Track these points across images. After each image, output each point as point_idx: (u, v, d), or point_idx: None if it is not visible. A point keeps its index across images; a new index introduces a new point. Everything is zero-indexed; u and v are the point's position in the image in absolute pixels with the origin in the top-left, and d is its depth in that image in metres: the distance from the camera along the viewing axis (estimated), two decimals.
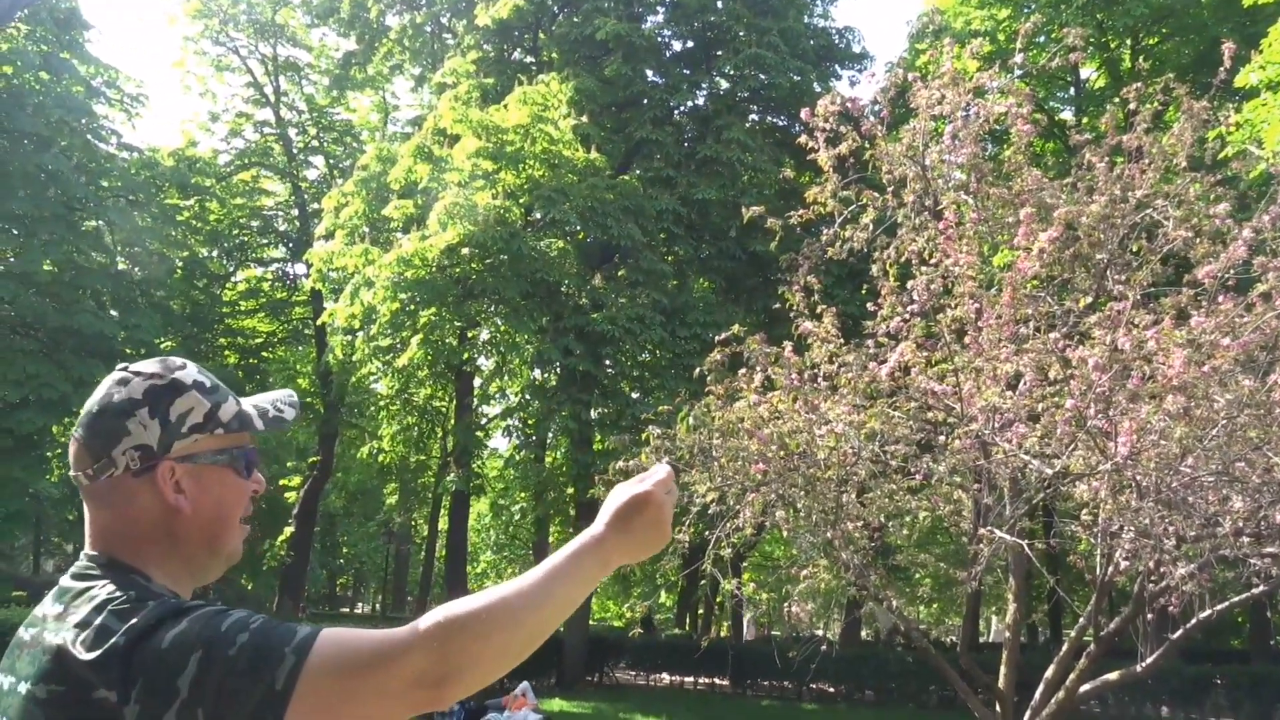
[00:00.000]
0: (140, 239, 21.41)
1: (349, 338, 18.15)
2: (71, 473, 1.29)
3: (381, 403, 23.85)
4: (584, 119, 18.58)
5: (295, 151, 26.68)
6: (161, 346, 22.01)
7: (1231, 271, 5.53)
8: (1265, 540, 5.23)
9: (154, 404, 1.26)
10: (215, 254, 27.69)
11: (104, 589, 1.18)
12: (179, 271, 24.15)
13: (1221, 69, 6.44)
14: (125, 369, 1.30)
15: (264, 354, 27.68)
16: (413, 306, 16.86)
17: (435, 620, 1.14)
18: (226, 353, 27.11)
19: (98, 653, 1.10)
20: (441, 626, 1.14)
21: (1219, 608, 6.27)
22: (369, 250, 17.16)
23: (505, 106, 17.24)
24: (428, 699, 1.14)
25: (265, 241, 28.51)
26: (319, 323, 20.98)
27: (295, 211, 27.19)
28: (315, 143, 27.18)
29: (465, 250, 16.10)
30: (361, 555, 35.31)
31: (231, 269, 28.56)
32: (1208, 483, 5.11)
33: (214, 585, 1.26)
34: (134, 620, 1.12)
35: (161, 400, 1.27)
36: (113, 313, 20.69)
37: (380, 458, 23.67)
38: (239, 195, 27.01)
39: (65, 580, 1.24)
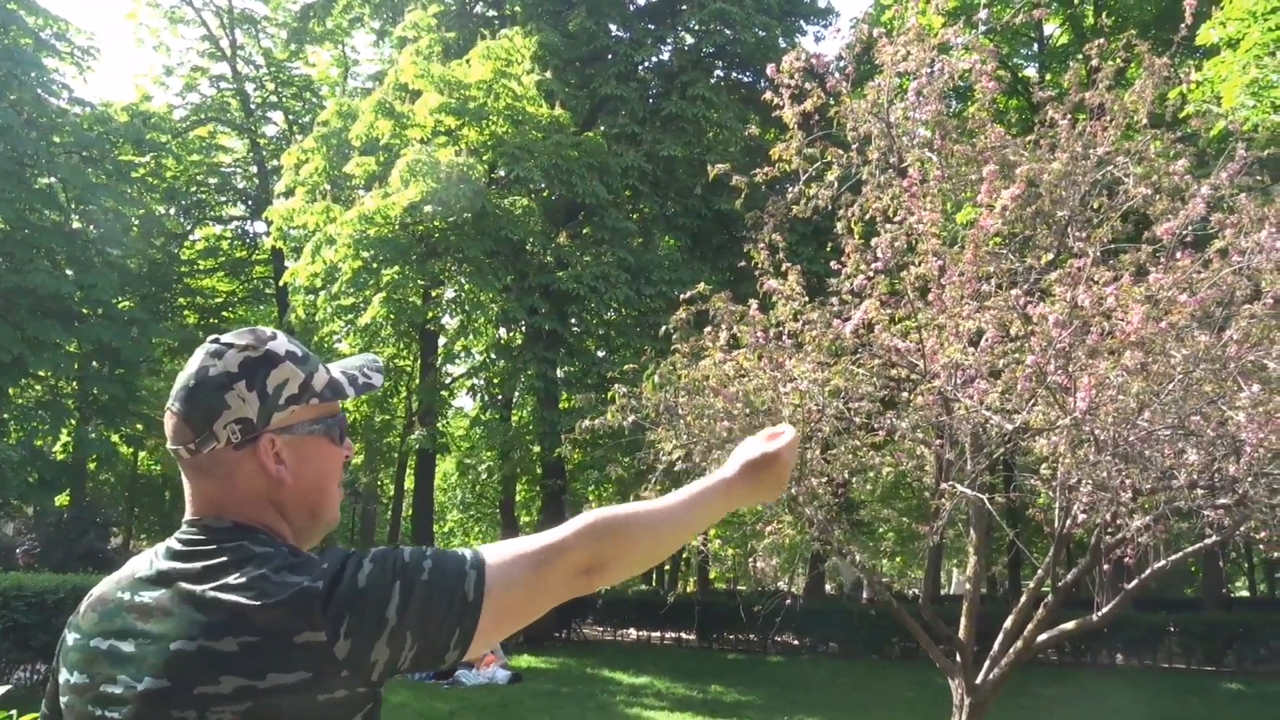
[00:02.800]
0: (94, 196, 20.93)
1: (311, 297, 17.94)
2: (170, 446, 1.31)
3: None
4: (548, 74, 18.35)
5: (253, 107, 26.15)
6: (119, 306, 21.66)
7: (1190, 228, 5.59)
8: (1218, 492, 5.35)
9: (251, 376, 1.29)
10: (172, 212, 27.18)
11: (255, 549, 1.23)
12: (135, 230, 23.67)
13: (1183, 25, 6.46)
14: (217, 340, 1.32)
15: (225, 314, 27.31)
16: (375, 265, 16.68)
17: (590, 520, 1.33)
18: (186, 312, 26.72)
19: (289, 601, 1.17)
20: (596, 526, 1.32)
21: (1173, 558, 6.41)
22: (330, 208, 16.92)
23: (468, 62, 16.97)
24: (582, 585, 1.32)
25: (223, 199, 28.02)
26: (280, 282, 20.70)
27: (254, 168, 26.72)
28: (273, 98, 26.63)
29: (428, 208, 15.92)
30: None
31: (189, 227, 28.06)
32: (1163, 436, 5.20)
33: None
34: (323, 566, 1.21)
35: (258, 372, 1.29)
36: (68, 272, 20.29)
37: (346, 417, 23.53)
38: (195, 152, 26.46)
39: (177, 545, 1.27)
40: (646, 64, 20.91)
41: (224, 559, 1.22)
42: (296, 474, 1.31)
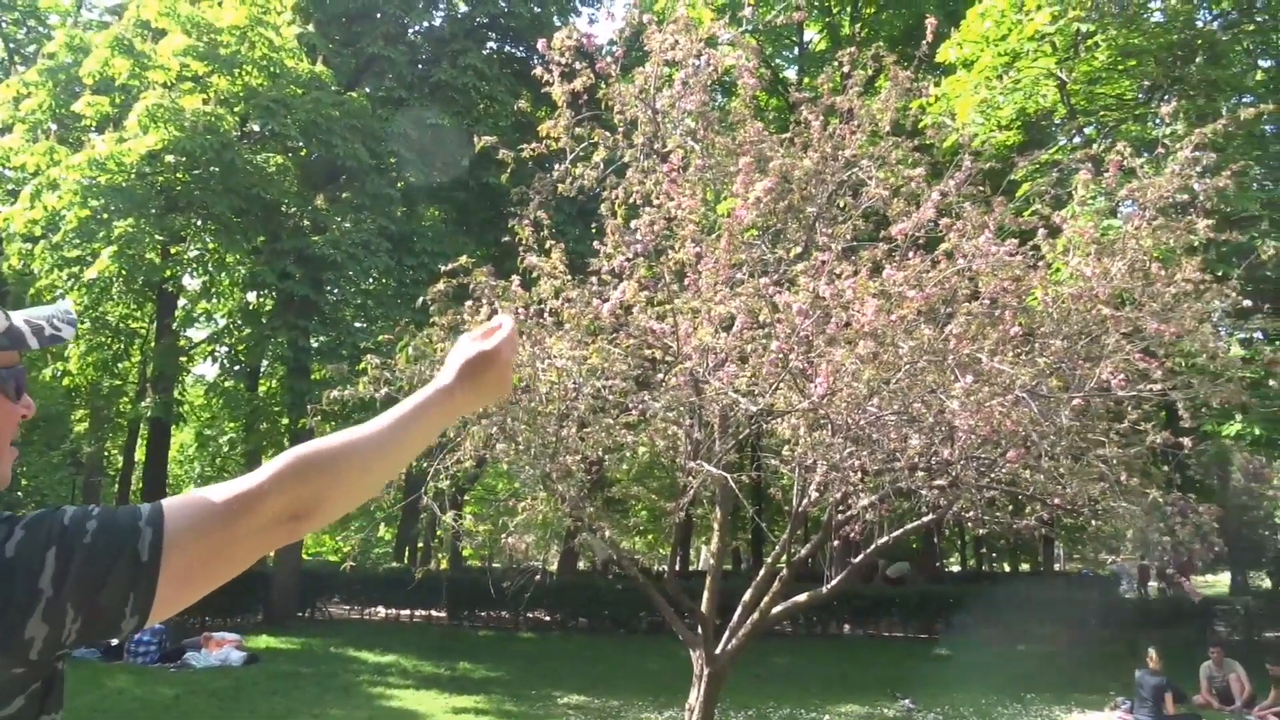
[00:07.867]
0: None
1: (29, 245, 16.21)
2: None
3: None
4: (310, 28, 17.44)
5: None
6: None
7: (922, 230, 6.04)
8: (935, 474, 5.83)
9: None
10: None
11: None
12: None
13: (925, 43, 6.95)
14: None
15: None
16: (106, 215, 15.26)
17: (288, 461, 1.19)
18: None
19: None
20: (295, 467, 1.18)
21: (895, 534, 6.95)
22: (55, 149, 15.40)
23: (220, 4, 15.85)
24: (288, 532, 1.19)
25: None
26: None
27: None
28: None
29: (170, 158, 14.78)
30: (44, 487, 32.10)
31: None
32: (890, 421, 5.60)
33: None
34: None
35: None
36: None
37: (65, 380, 21.49)
38: None
39: None
40: (417, 28, 20.30)
41: None
42: None
